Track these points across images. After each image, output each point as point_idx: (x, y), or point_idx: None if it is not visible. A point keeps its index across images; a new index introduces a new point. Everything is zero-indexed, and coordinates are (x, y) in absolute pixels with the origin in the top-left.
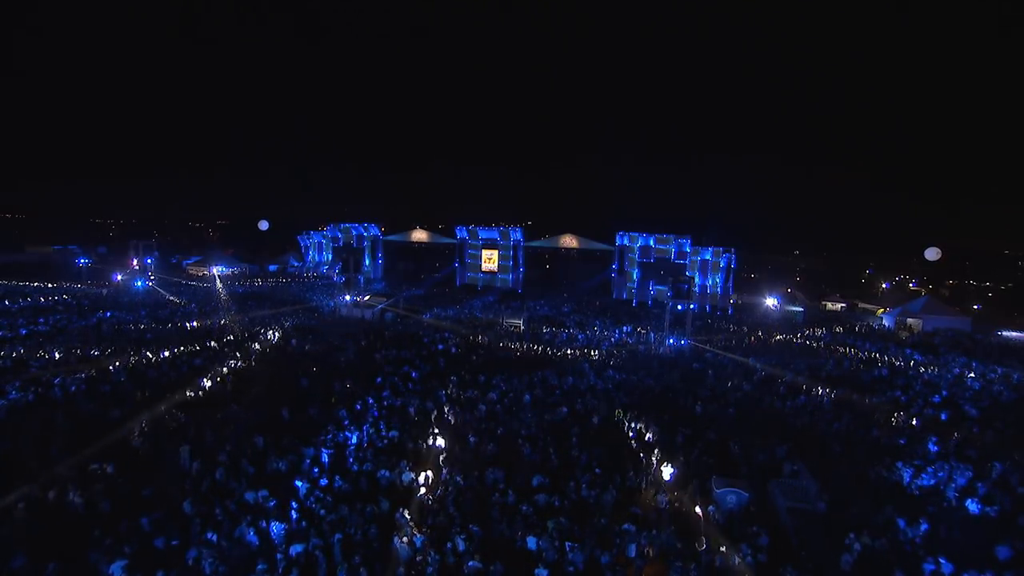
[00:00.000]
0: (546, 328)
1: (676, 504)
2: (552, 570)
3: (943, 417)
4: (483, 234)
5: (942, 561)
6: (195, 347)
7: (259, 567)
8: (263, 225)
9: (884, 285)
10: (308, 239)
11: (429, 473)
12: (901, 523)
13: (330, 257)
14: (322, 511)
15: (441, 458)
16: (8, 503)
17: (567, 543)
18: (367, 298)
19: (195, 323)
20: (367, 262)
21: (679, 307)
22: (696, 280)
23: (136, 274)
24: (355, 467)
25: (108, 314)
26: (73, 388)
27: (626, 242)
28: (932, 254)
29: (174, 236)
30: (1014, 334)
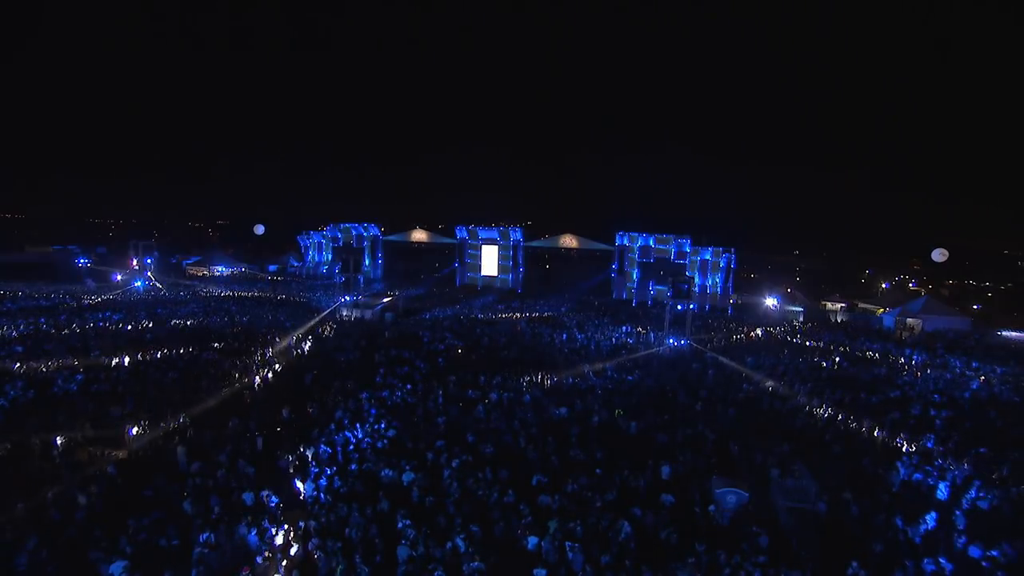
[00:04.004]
0: (546, 328)
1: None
2: (552, 570)
3: (943, 416)
4: (483, 234)
5: (942, 561)
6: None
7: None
8: (259, 230)
9: (884, 285)
10: (308, 239)
11: (427, 473)
12: (900, 522)
13: (330, 257)
14: (322, 511)
15: (440, 458)
16: (9, 502)
17: (567, 543)
18: (368, 298)
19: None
20: (367, 262)
21: (679, 307)
22: (696, 280)
23: (136, 274)
24: (355, 467)
25: (108, 314)
26: (73, 387)
27: (626, 242)
28: (939, 255)
29: (174, 236)
30: (1014, 334)
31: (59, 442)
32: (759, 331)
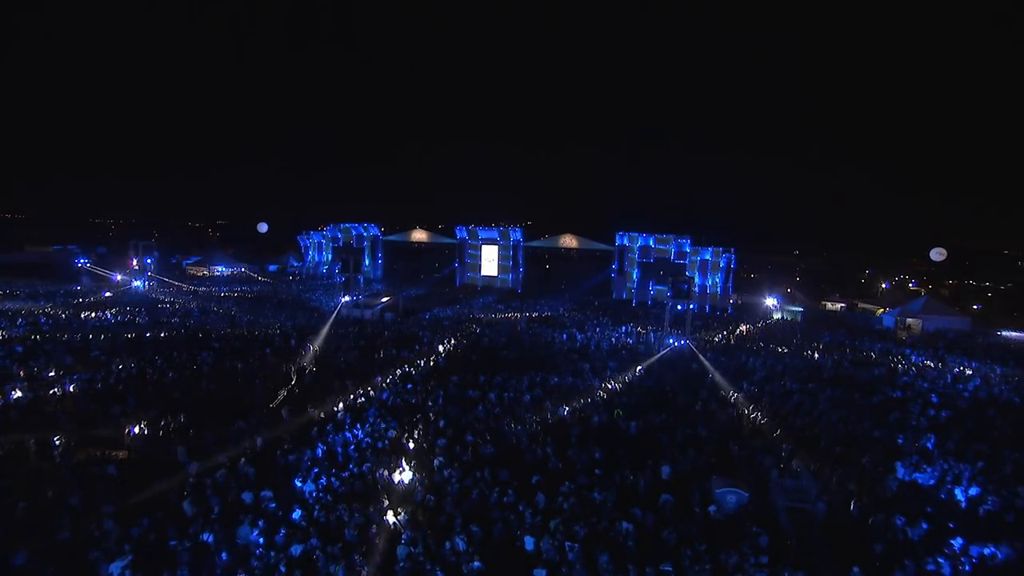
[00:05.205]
0: (546, 328)
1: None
2: (551, 570)
3: (943, 416)
4: (483, 234)
5: (942, 561)
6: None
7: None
8: (262, 228)
9: (884, 285)
10: (308, 239)
11: (428, 473)
12: (900, 522)
13: (330, 257)
14: (321, 511)
15: (441, 458)
16: (9, 502)
17: (567, 543)
18: (368, 298)
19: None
20: (367, 262)
21: (679, 307)
22: (696, 280)
23: (136, 274)
24: (354, 467)
25: (108, 314)
26: (74, 387)
27: (626, 242)
28: (937, 255)
29: (174, 236)
30: (1014, 334)
31: (58, 442)
32: (758, 329)
